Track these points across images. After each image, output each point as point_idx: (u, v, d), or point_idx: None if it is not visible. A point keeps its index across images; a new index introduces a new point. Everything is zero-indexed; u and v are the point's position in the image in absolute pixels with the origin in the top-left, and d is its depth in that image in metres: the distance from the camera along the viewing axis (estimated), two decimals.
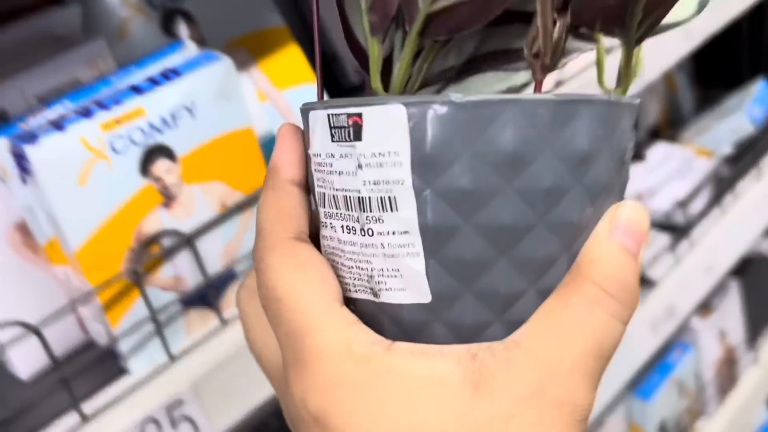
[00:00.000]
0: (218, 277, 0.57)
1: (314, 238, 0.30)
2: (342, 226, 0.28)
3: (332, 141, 0.27)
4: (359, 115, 0.26)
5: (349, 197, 0.27)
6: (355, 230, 0.27)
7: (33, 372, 0.58)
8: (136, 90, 0.52)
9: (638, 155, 1.30)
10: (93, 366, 0.55)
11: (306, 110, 0.29)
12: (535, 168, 0.26)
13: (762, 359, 1.43)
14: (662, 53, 0.95)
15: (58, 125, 0.48)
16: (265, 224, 0.30)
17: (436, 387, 0.26)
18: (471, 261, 0.26)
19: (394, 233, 0.26)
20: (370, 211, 0.27)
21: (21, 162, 0.48)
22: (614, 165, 0.28)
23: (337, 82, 0.97)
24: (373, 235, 0.27)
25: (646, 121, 1.47)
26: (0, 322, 0.48)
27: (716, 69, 1.58)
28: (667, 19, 0.29)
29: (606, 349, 0.27)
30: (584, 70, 0.84)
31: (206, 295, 0.57)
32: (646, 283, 1.15)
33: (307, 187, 0.30)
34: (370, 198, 0.26)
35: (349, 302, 0.29)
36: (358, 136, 0.26)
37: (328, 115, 0.27)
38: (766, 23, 1.44)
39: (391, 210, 0.26)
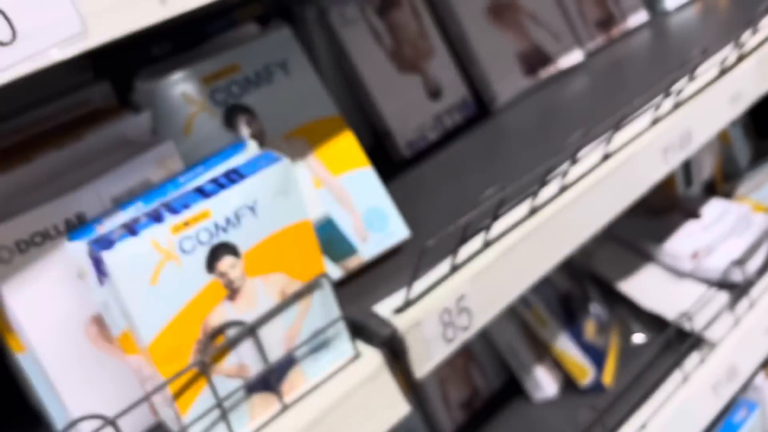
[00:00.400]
0: (279, 362, 0.60)
1: None
2: None
3: None
4: None
5: None
6: None
7: None
8: (203, 193, 0.56)
9: (693, 213, 1.30)
10: None
11: None
12: None
13: None
14: (710, 119, 0.96)
15: (131, 230, 0.52)
16: None
17: None
18: None
19: None
20: None
21: (98, 265, 0.52)
22: None
23: (389, 157, 1.01)
24: None
25: (701, 177, 1.47)
26: (80, 415, 0.51)
27: None
28: None
29: None
30: None
31: (268, 381, 0.60)
32: (705, 344, 1.14)
33: None
34: None
35: None
36: None
37: None
38: None
39: None
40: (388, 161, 1.01)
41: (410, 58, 1.01)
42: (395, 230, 0.78)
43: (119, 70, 0.85)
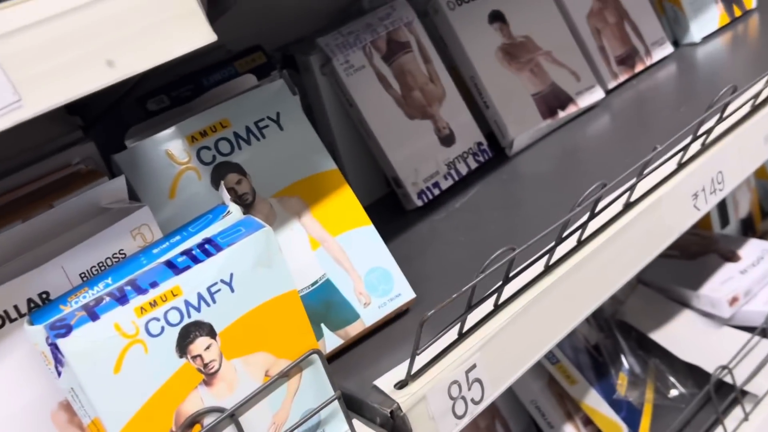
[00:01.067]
0: None
1: None
2: None
3: None
4: None
5: None
6: None
7: None
8: (173, 267, 0.51)
9: (730, 255, 1.22)
10: None
11: None
12: None
13: None
14: (743, 159, 0.89)
15: (92, 313, 0.48)
16: None
17: None
18: None
19: None
20: None
21: (55, 352, 0.47)
22: None
23: (400, 205, 0.96)
24: None
25: (738, 215, 1.39)
26: None
27: None
28: None
29: None
30: None
31: None
32: (748, 398, 1.05)
33: None
34: None
35: None
36: None
37: None
38: None
39: None
40: (401, 210, 0.96)
41: (420, 104, 0.97)
42: (400, 292, 0.72)
43: (114, 127, 0.81)
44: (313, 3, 1.03)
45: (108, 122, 0.82)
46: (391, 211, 0.97)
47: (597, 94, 1.08)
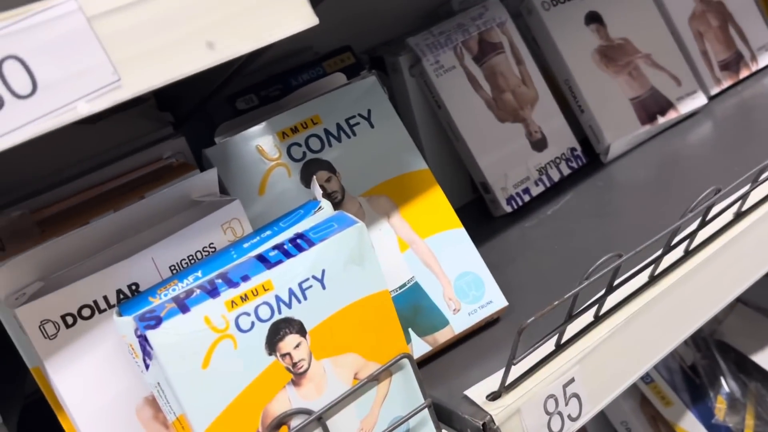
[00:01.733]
0: None
1: None
2: None
3: None
4: None
5: None
6: None
7: None
8: (265, 261, 0.49)
9: None
10: None
11: None
12: None
13: None
14: None
15: (182, 306, 0.46)
16: None
17: None
18: None
19: None
20: None
21: (144, 345, 0.46)
22: None
23: (489, 213, 0.92)
24: None
25: None
26: None
27: None
28: None
29: None
30: None
31: None
32: None
33: None
34: None
35: None
36: None
37: None
38: None
39: None
40: (488, 216, 0.93)
41: (511, 107, 0.93)
42: (491, 299, 0.69)
43: (203, 125, 0.81)
44: (402, 6, 1.02)
45: (197, 121, 0.82)
46: (478, 218, 0.94)
47: (699, 100, 1.03)
